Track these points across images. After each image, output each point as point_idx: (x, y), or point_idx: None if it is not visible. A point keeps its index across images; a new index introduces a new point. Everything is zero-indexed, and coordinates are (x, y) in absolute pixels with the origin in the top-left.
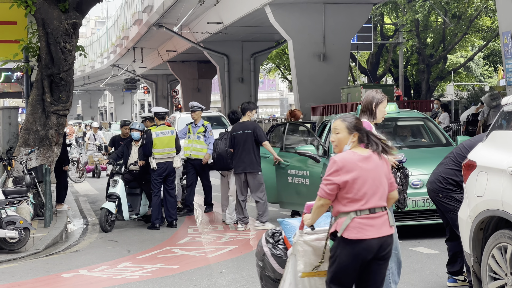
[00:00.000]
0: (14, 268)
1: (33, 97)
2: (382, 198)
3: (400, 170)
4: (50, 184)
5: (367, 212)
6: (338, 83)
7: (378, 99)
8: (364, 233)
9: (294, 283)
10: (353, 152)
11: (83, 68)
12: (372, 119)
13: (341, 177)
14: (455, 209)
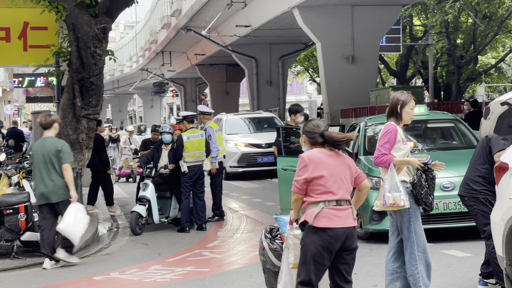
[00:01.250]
0: (46, 271)
1: (64, 101)
2: (347, 192)
3: (425, 172)
4: (81, 188)
5: (334, 203)
6: (367, 85)
7: (403, 101)
8: (332, 222)
9: (289, 274)
10: (319, 150)
11: (113, 72)
12: (398, 121)
13: (308, 172)
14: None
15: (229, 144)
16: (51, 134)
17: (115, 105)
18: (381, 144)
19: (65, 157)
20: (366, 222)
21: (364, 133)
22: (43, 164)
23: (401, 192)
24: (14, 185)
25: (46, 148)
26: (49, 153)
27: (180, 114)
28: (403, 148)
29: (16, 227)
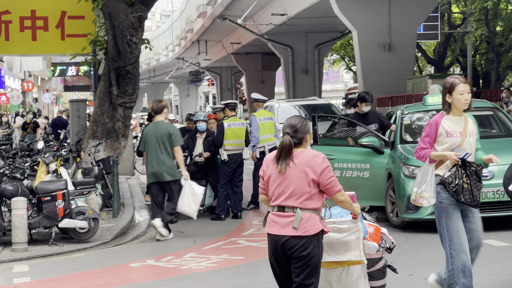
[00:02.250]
0: (84, 257)
1: (101, 90)
2: (292, 198)
3: (465, 167)
4: (117, 176)
5: (276, 208)
6: (404, 74)
7: (449, 86)
8: (270, 228)
9: None
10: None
11: (149, 61)
12: (448, 110)
13: (263, 172)
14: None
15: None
16: (161, 119)
17: (151, 94)
18: (421, 138)
19: (176, 140)
20: (402, 211)
21: (401, 122)
22: (156, 146)
23: (423, 190)
24: (52, 173)
25: (159, 131)
26: (162, 136)
27: (222, 103)
28: (446, 141)
29: (54, 214)
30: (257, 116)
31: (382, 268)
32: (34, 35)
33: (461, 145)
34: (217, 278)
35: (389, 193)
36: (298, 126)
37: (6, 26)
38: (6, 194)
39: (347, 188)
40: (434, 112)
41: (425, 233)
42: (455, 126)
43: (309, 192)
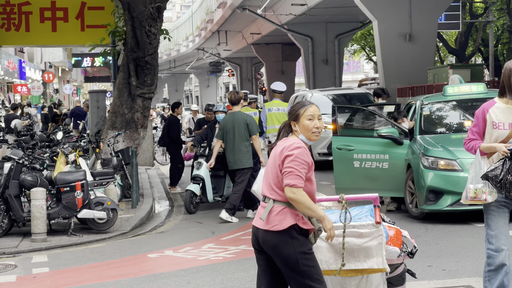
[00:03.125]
0: (102, 247)
1: (120, 80)
2: (267, 188)
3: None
4: (136, 166)
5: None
6: (425, 64)
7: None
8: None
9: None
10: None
11: (169, 52)
12: (503, 97)
13: None
14: None
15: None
16: (238, 109)
17: (171, 84)
18: (470, 128)
19: (253, 129)
20: (422, 202)
21: (420, 112)
22: (233, 135)
23: (484, 184)
24: (71, 163)
25: (237, 121)
26: (239, 125)
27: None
28: (493, 133)
29: (73, 205)
30: (267, 106)
31: (401, 274)
32: (54, 26)
33: (508, 139)
34: (234, 268)
35: (408, 184)
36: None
37: (26, 17)
38: (25, 185)
39: (366, 180)
40: (454, 102)
41: (444, 224)
42: (504, 117)
43: (279, 181)
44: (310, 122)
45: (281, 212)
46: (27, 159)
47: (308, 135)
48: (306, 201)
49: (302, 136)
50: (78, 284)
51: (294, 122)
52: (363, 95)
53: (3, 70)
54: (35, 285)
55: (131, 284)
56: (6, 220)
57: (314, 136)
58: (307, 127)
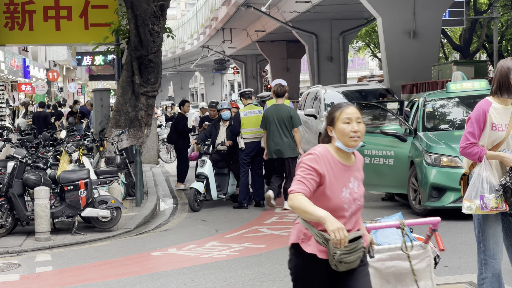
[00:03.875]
0: (106, 246)
1: (123, 79)
2: None
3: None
4: (141, 164)
5: None
6: (429, 60)
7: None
8: None
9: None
10: None
11: (174, 49)
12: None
13: None
14: None
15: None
16: (282, 102)
17: (176, 82)
18: (468, 131)
19: (296, 122)
20: (425, 199)
21: (423, 109)
22: (277, 126)
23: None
24: (75, 162)
25: (280, 113)
26: (283, 117)
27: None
28: (491, 135)
29: (76, 203)
30: (268, 104)
31: None
32: (58, 25)
33: (504, 141)
34: (238, 266)
35: (411, 180)
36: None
37: (30, 16)
38: (29, 184)
39: (374, 176)
40: (456, 99)
41: (447, 221)
42: (501, 118)
43: None
44: (346, 126)
45: (295, 226)
46: (31, 158)
47: (345, 140)
48: (301, 205)
49: (338, 142)
50: (82, 282)
51: (330, 127)
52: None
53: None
54: (38, 284)
55: (134, 282)
56: (10, 219)
57: (352, 141)
58: (343, 132)
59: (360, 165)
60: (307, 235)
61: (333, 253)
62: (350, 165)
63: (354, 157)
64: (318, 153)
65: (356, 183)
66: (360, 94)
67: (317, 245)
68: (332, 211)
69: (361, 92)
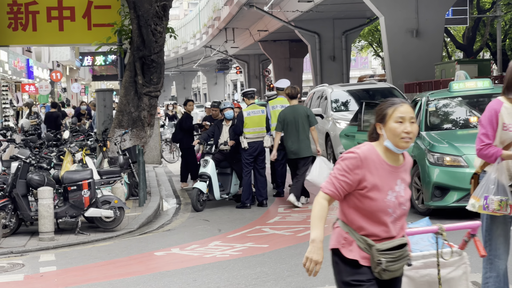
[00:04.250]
0: (109, 246)
1: (126, 79)
2: None
3: None
4: (143, 165)
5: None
6: (432, 59)
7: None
8: None
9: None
10: None
11: (177, 49)
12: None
13: None
14: None
15: (338, 124)
16: (296, 103)
17: (179, 82)
18: (482, 132)
19: (312, 121)
20: (428, 198)
21: (426, 108)
22: (295, 127)
23: (509, 197)
24: (78, 162)
25: (297, 114)
26: (300, 117)
27: (242, 91)
28: (502, 135)
29: (80, 203)
30: (271, 104)
31: None
32: (61, 25)
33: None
34: (240, 266)
35: (414, 180)
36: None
37: (33, 17)
38: (32, 184)
39: None
40: (459, 98)
41: (450, 220)
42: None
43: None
44: (399, 125)
45: (335, 231)
46: (34, 158)
47: (396, 141)
48: (313, 210)
49: (388, 142)
50: (85, 282)
51: (380, 125)
52: (387, 90)
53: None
54: (42, 284)
55: (137, 282)
56: (14, 219)
57: (403, 142)
58: (395, 131)
59: (409, 167)
60: (348, 240)
61: (378, 261)
62: (398, 166)
63: (403, 158)
64: (361, 154)
65: (402, 186)
66: (368, 93)
67: (359, 251)
68: (375, 215)
69: (368, 91)
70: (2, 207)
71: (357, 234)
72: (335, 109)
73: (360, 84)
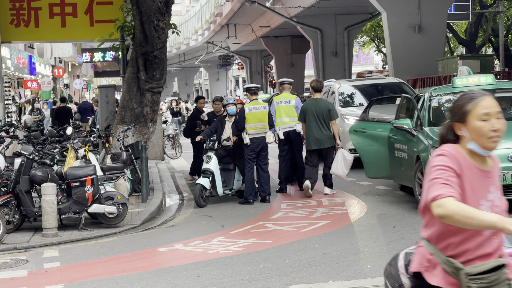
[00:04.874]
0: (113, 242)
1: (129, 75)
2: None
3: None
4: (146, 161)
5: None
6: (434, 55)
7: None
8: None
9: None
10: None
11: (179, 45)
12: None
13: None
14: None
15: (347, 120)
16: (319, 96)
17: (181, 78)
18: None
19: (333, 115)
20: None
21: (429, 104)
22: (316, 119)
23: None
24: (81, 158)
25: (319, 107)
26: (322, 111)
27: (244, 86)
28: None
29: (83, 199)
30: (275, 100)
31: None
32: (63, 22)
33: None
34: (244, 262)
35: (417, 175)
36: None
37: (35, 13)
38: (36, 180)
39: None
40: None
41: None
42: None
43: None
44: (484, 124)
45: (417, 252)
46: (37, 154)
47: (483, 142)
48: (462, 210)
49: (473, 144)
50: (89, 278)
51: (461, 125)
52: (396, 85)
53: (13, 66)
54: (46, 280)
55: (141, 278)
56: (17, 215)
57: (491, 143)
58: (480, 131)
59: (499, 170)
60: (432, 262)
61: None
62: (489, 170)
63: (492, 160)
64: (450, 153)
65: (497, 193)
66: (376, 88)
67: (444, 275)
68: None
69: (377, 87)
70: (5, 203)
71: (442, 255)
72: (343, 105)
73: (368, 79)
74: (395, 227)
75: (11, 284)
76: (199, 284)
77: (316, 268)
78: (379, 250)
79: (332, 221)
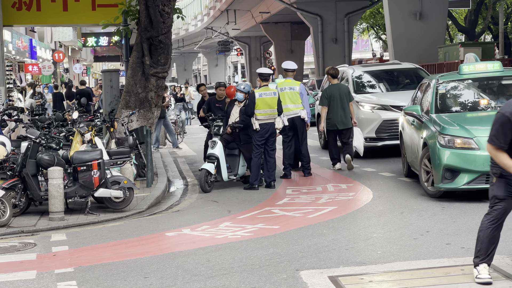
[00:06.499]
0: (120, 226)
1: (133, 60)
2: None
3: None
4: (150, 146)
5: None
6: (435, 42)
7: None
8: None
9: None
10: None
11: (178, 31)
12: None
13: None
14: None
15: (362, 107)
16: (337, 81)
17: (180, 64)
18: None
19: (351, 97)
20: (438, 180)
21: (436, 91)
22: (340, 102)
23: None
24: (87, 143)
25: (342, 91)
26: (344, 94)
27: (256, 71)
28: None
29: (89, 184)
30: (279, 86)
31: None
32: (65, 5)
33: None
34: (253, 247)
35: (424, 162)
36: None
37: None
38: (42, 164)
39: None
40: (469, 81)
41: (460, 203)
42: None
43: None
44: None
45: None
46: (44, 138)
47: None
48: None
49: None
50: (99, 262)
51: None
52: (413, 71)
53: (15, 50)
54: (56, 263)
55: (151, 262)
56: (24, 199)
57: None
58: None
59: None
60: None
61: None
62: None
63: None
64: None
65: None
66: (392, 74)
67: None
68: None
69: (392, 72)
70: (12, 187)
71: None
72: (357, 91)
73: (384, 65)
74: (402, 213)
75: (20, 267)
76: (210, 269)
77: (326, 254)
78: (387, 236)
79: (338, 207)
